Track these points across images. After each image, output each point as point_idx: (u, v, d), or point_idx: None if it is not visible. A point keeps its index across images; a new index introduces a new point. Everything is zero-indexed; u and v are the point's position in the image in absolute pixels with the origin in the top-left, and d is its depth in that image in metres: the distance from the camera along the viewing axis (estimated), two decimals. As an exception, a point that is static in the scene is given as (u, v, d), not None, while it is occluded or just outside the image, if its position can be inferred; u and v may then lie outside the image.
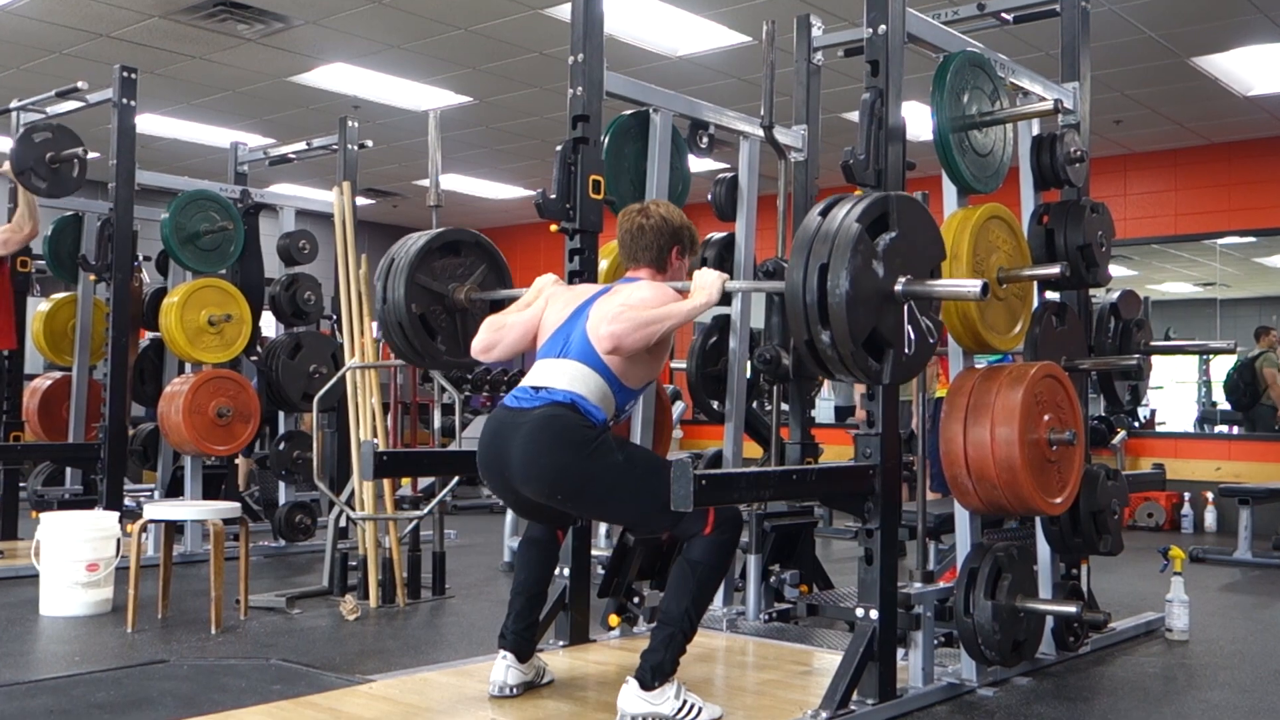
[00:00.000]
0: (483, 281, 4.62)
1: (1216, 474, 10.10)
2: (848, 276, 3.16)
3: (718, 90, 8.84)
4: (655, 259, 3.87)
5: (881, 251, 3.27)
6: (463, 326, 4.58)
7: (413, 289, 4.44)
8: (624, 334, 3.49)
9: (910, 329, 3.37)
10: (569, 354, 3.64)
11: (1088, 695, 4.22)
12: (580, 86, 4.62)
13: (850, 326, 3.18)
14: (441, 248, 4.56)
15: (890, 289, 3.30)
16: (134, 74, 6.79)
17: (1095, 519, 4.60)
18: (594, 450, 3.48)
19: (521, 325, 3.89)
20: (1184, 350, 10.72)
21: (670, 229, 3.88)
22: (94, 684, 4.11)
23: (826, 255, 3.20)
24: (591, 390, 3.57)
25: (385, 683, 4.07)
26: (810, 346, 3.26)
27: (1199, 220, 10.72)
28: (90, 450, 6.95)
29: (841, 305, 3.16)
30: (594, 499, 3.60)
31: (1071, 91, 5.02)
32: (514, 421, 3.57)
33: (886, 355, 3.35)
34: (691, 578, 3.52)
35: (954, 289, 3.43)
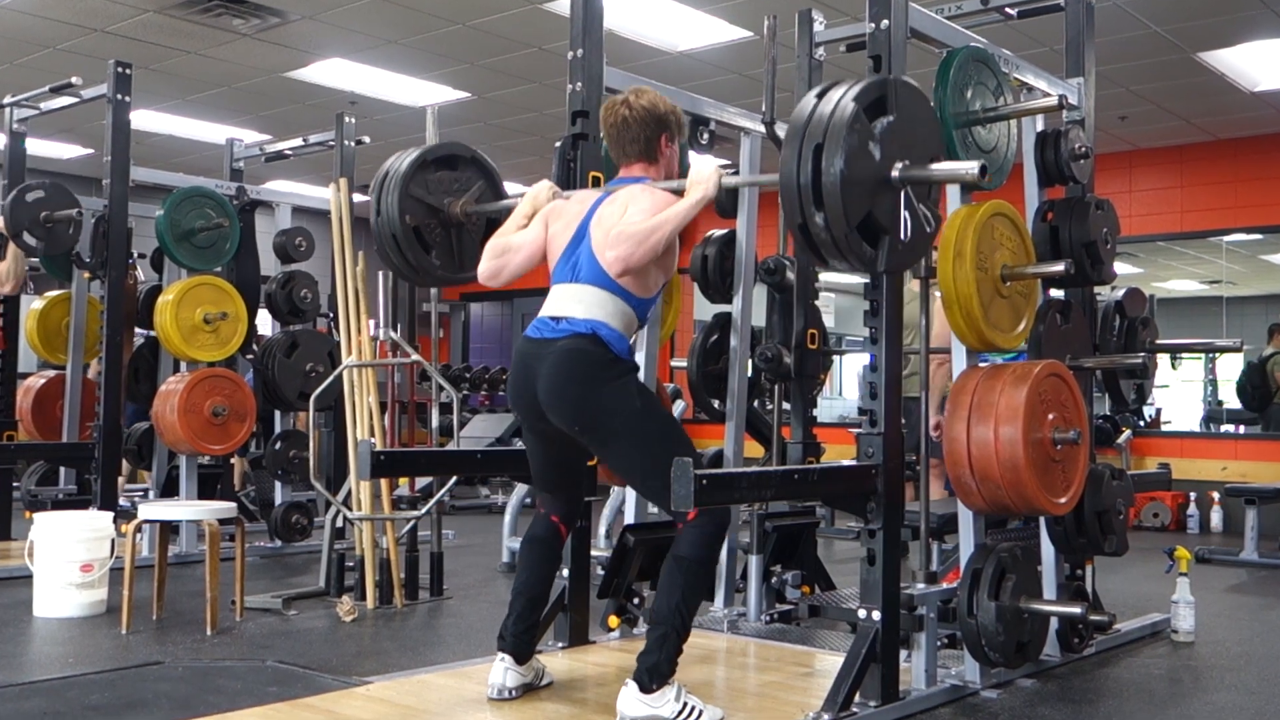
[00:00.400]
0: (479, 197, 4.59)
1: (1223, 473, 10.10)
2: (843, 156, 3.13)
3: (719, 86, 8.84)
4: (644, 150, 3.84)
5: (879, 134, 3.25)
6: (459, 242, 4.54)
7: (406, 201, 4.41)
8: (628, 254, 3.50)
9: (907, 215, 3.34)
10: (581, 278, 3.65)
11: (1092, 697, 4.22)
12: (580, 82, 4.62)
13: (845, 208, 3.14)
14: (436, 161, 4.53)
15: (887, 173, 3.28)
16: (129, 69, 6.79)
17: (1100, 519, 4.60)
18: (617, 385, 3.55)
19: (527, 248, 3.87)
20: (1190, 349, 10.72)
21: (656, 116, 3.83)
22: (88, 686, 4.11)
23: (821, 136, 3.17)
24: (611, 313, 3.60)
25: (382, 685, 4.06)
26: (804, 231, 3.23)
27: (1205, 217, 10.72)
28: (84, 450, 6.96)
29: (836, 185, 3.13)
30: (605, 434, 3.59)
31: (1076, 87, 5.01)
32: (539, 352, 3.63)
33: (882, 241, 3.31)
34: (679, 573, 3.51)
35: (951, 171, 3.38)
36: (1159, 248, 11.71)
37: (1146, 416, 11.51)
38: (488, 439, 10.69)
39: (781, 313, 5.31)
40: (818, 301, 5.35)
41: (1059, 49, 5.20)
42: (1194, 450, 10.59)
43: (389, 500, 5.93)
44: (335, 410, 7.39)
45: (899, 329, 3.96)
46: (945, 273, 4.08)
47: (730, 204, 5.33)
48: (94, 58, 8.38)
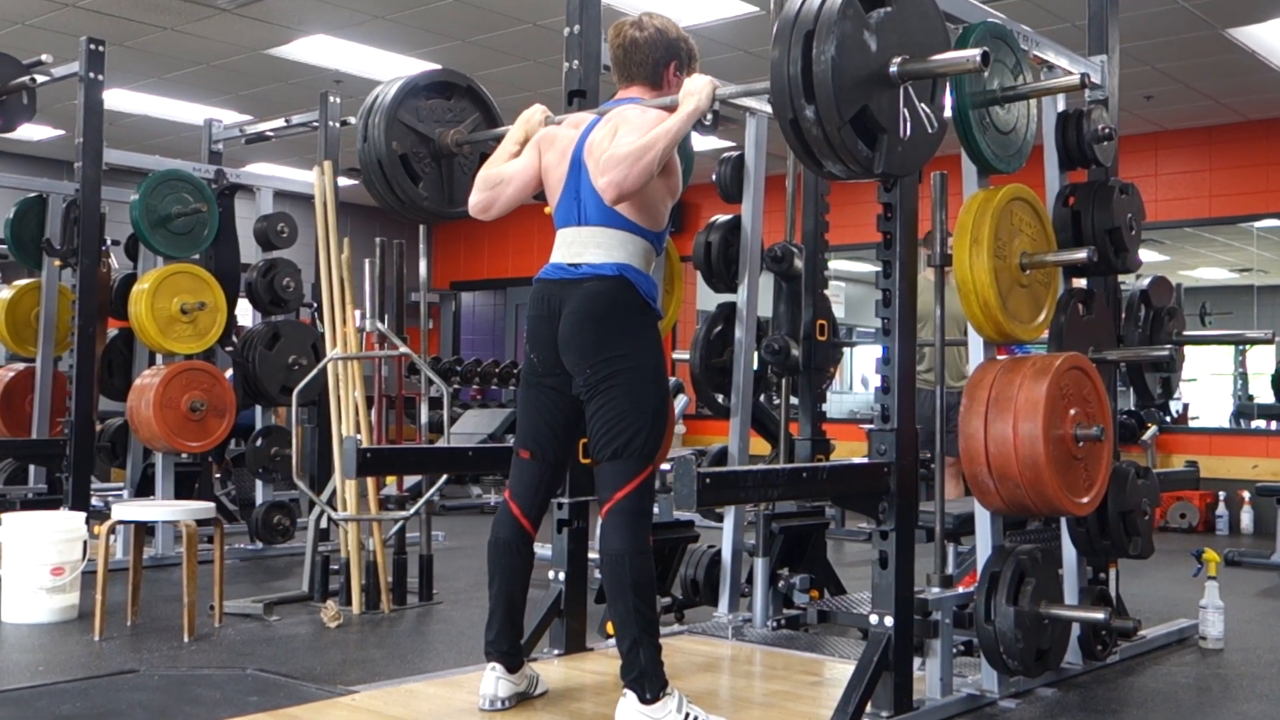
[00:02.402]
0: (472, 129, 4.57)
1: (1253, 472, 10.10)
2: (834, 44, 3.07)
3: (723, 64, 8.83)
4: (650, 75, 3.81)
5: (875, 25, 3.19)
6: (449, 174, 4.52)
7: (395, 127, 4.38)
8: (621, 178, 3.45)
9: (907, 113, 3.28)
10: (589, 219, 3.66)
11: (1116, 707, 4.22)
12: (576, 60, 4.61)
13: (837, 99, 3.07)
14: (429, 86, 4.51)
15: (884, 68, 3.22)
16: (102, 46, 6.78)
17: (1124, 520, 4.60)
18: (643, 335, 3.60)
19: (519, 178, 3.86)
20: (1220, 340, 10.72)
21: (666, 41, 3.81)
22: (59, 695, 4.11)
23: (812, 23, 3.11)
24: (631, 253, 3.62)
25: (369, 694, 4.06)
26: (795, 126, 3.16)
27: (1235, 202, 10.71)
28: (55, 447, 6.95)
29: (827, 74, 3.06)
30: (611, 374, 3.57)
31: (1099, 65, 5.00)
32: (562, 292, 3.65)
33: (880, 141, 3.24)
34: (621, 571, 3.48)
35: (953, 61, 3.31)
36: (1186, 234, 11.70)
37: (1173, 412, 11.51)
38: (480, 435, 10.69)
39: (789, 302, 5.30)
40: (827, 290, 5.35)
41: (1081, 25, 5.19)
42: (1223, 447, 10.59)
43: (376, 500, 5.94)
44: (319, 405, 7.39)
45: (913, 320, 3.95)
46: (962, 260, 4.08)
47: (735, 189, 5.32)
48: (66, 34, 8.36)
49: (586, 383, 3.63)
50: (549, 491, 3.97)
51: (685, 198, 3.98)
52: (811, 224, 5.32)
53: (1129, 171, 7.41)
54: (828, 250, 5.38)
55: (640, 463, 3.54)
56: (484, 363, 11.64)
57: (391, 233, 6.64)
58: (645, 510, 3.60)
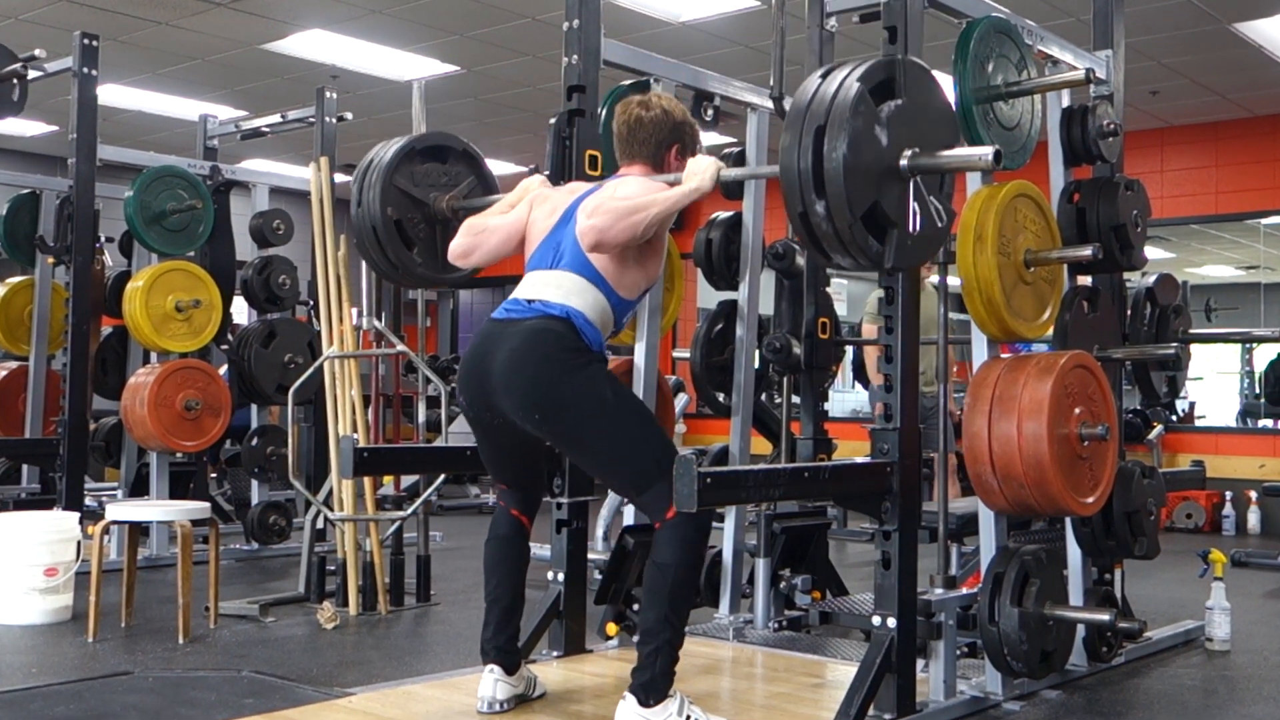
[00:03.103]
0: (468, 194, 4.58)
1: (1260, 471, 10.10)
2: (846, 139, 3.09)
3: (724, 59, 8.82)
4: (651, 155, 3.82)
5: (885, 118, 3.21)
6: (443, 238, 4.51)
7: (390, 192, 4.39)
8: (605, 226, 3.46)
9: (917, 207, 3.29)
10: (561, 264, 3.63)
11: (1121, 710, 4.22)
12: (575, 55, 4.61)
13: (848, 196, 3.09)
14: (425, 151, 4.52)
15: (895, 161, 3.23)
16: (96, 41, 6.77)
17: (1130, 520, 4.60)
18: (584, 371, 3.50)
19: (505, 229, 3.86)
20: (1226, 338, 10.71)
21: (671, 124, 3.82)
22: (52, 697, 4.11)
23: (823, 118, 3.13)
24: (588, 304, 3.57)
25: (366, 696, 4.06)
26: (805, 221, 3.19)
27: (1242, 198, 10.70)
28: (48, 446, 6.94)
29: (839, 171, 3.08)
30: (569, 426, 3.56)
31: (1104, 60, 5.00)
32: (501, 333, 3.58)
33: (890, 235, 3.26)
34: (663, 581, 3.48)
35: (964, 158, 3.33)
36: (1192, 231, 11.70)
37: (1179, 411, 11.50)
38: (478, 435, 10.66)
39: (791, 300, 5.30)
40: (829, 288, 5.34)
41: (1086, 19, 5.18)
42: (1230, 447, 10.59)
43: (373, 500, 5.93)
44: (315, 404, 7.38)
45: (916, 319, 3.95)
46: (965, 258, 4.07)
47: (736, 185, 5.32)
48: (59, 29, 8.36)
49: (540, 432, 3.63)
50: (538, 494, 4.05)
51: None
52: (813, 221, 5.30)
53: (1134, 168, 7.41)
54: (830, 247, 5.36)
55: (664, 481, 3.43)
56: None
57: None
58: (701, 526, 3.57)
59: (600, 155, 4.66)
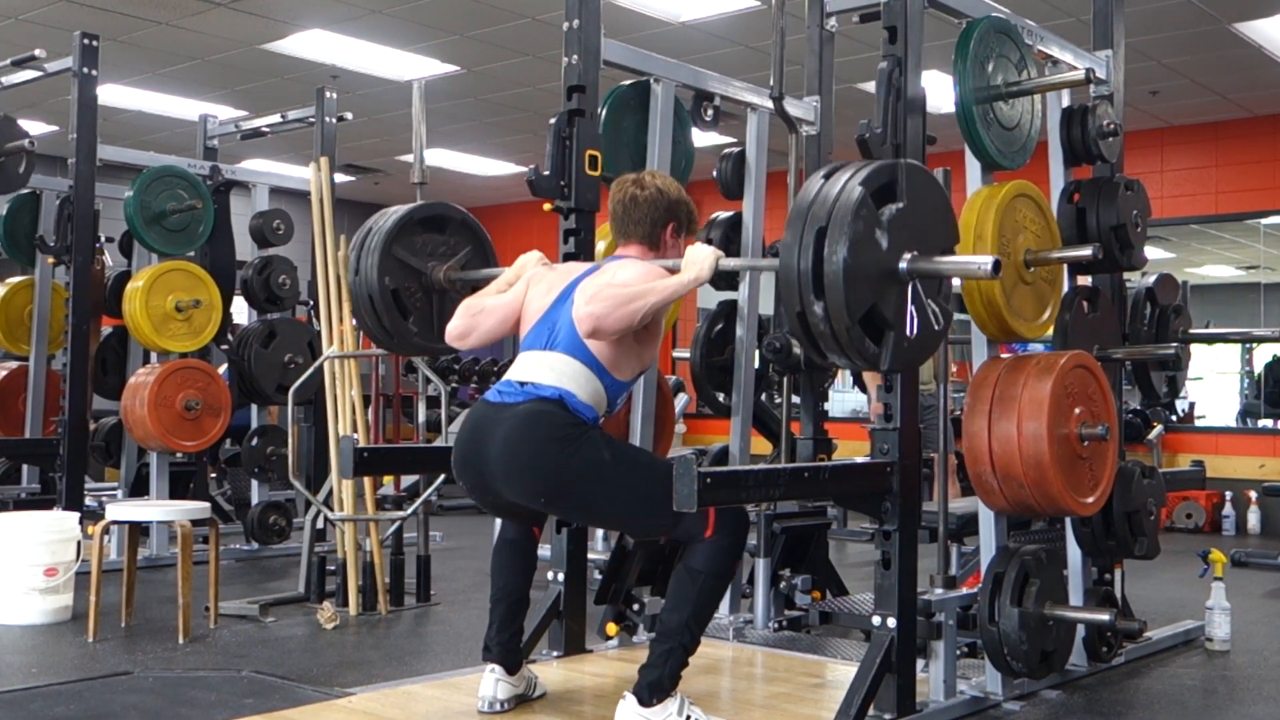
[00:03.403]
0: (466, 263, 4.60)
1: (1260, 471, 10.10)
2: (846, 243, 3.10)
3: (723, 59, 8.82)
4: (647, 235, 3.84)
5: (886, 222, 3.23)
6: (439, 309, 4.55)
7: (388, 261, 4.41)
8: (603, 314, 3.46)
9: (914, 310, 3.32)
10: (556, 345, 3.62)
11: (1121, 710, 4.22)
12: (575, 55, 4.61)
13: (847, 299, 3.12)
14: (423, 221, 4.55)
15: (894, 264, 3.25)
16: (96, 41, 6.77)
17: (1130, 520, 4.60)
18: (579, 447, 3.47)
19: (501, 310, 3.87)
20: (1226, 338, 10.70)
21: (666, 203, 3.84)
22: (52, 697, 4.11)
23: (825, 220, 3.15)
24: (581, 385, 3.56)
25: (366, 696, 4.06)
26: (803, 320, 3.21)
27: (1241, 198, 10.70)
28: (48, 446, 6.94)
29: (838, 274, 3.11)
30: (579, 500, 3.60)
31: (1104, 60, 5.00)
32: (495, 417, 3.56)
33: (886, 338, 3.29)
34: (692, 587, 3.51)
35: (963, 266, 3.37)
36: (1192, 231, 11.70)
37: (1179, 411, 11.50)
38: (478, 435, 10.65)
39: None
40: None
41: (1086, 19, 5.18)
42: (1230, 447, 10.59)
43: (373, 500, 5.93)
44: (315, 404, 7.37)
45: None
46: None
47: (736, 185, 5.32)
48: (59, 29, 8.36)
49: (549, 511, 3.67)
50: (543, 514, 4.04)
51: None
52: (813, 221, 5.30)
53: (1134, 168, 7.41)
54: (830, 247, 5.37)
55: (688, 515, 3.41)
56: (482, 361, 11.61)
57: (389, 230, 6.62)
58: (739, 540, 3.60)
59: (600, 155, 4.66)
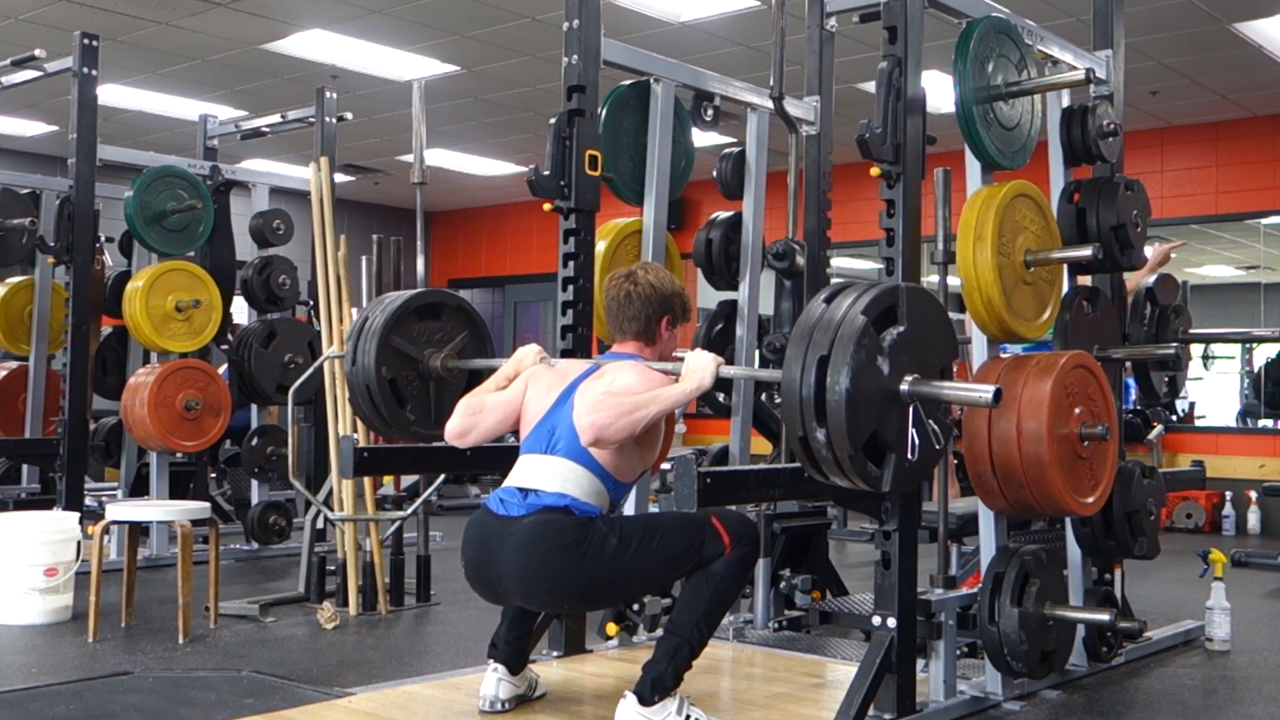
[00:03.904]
0: (462, 350, 4.63)
1: (1260, 471, 10.10)
2: (849, 373, 3.11)
3: (724, 59, 8.82)
4: (642, 330, 3.84)
5: (888, 347, 3.24)
6: (435, 396, 4.59)
7: (385, 352, 4.44)
8: (605, 424, 3.45)
9: (915, 432, 3.32)
10: (557, 450, 3.62)
11: (1121, 710, 4.22)
12: (575, 55, 4.61)
13: (849, 427, 3.12)
14: (420, 309, 4.58)
15: (895, 388, 3.25)
16: (96, 41, 6.77)
17: (1130, 520, 4.60)
18: (588, 549, 3.47)
19: (500, 409, 3.85)
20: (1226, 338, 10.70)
21: (660, 298, 3.84)
22: (52, 697, 4.11)
23: (827, 347, 3.15)
24: (585, 490, 3.56)
25: (366, 696, 4.06)
26: (805, 444, 3.21)
27: (1242, 198, 10.70)
28: (48, 446, 6.95)
29: (840, 403, 3.11)
30: (608, 592, 3.71)
31: (1104, 60, 5.00)
32: (501, 533, 3.56)
33: (888, 460, 3.29)
34: (706, 589, 3.53)
35: (964, 394, 3.35)
36: (1193, 231, 11.68)
37: (1179, 411, 11.49)
38: (478, 435, 10.66)
39: (791, 300, 5.30)
40: (829, 288, 5.34)
41: (1086, 19, 5.18)
42: (1230, 447, 10.59)
43: (373, 500, 5.93)
44: (315, 404, 7.37)
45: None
46: (965, 258, 4.08)
47: (736, 185, 5.32)
48: (59, 29, 8.35)
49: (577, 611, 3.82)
50: None
51: (686, 194, 3.99)
52: (813, 221, 5.31)
53: (1134, 168, 7.41)
54: (830, 247, 5.38)
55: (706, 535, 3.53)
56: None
57: (388, 230, 6.64)
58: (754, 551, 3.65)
59: (600, 155, 4.66)
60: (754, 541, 3.63)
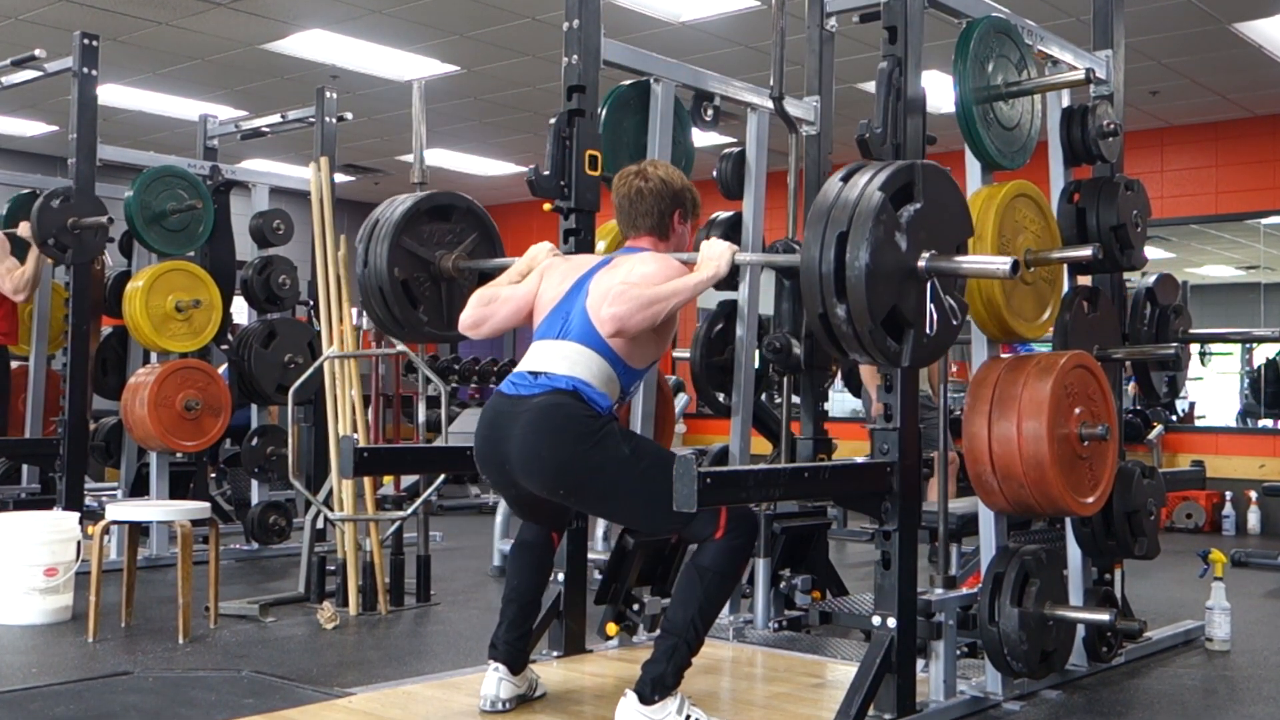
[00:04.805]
0: (473, 251, 4.62)
1: (1260, 471, 10.10)
2: (868, 248, 3.15)
3: (724, 59, 8.82)
4: (656, 225, 3.88)
5: (905, 224, 3.27)
6: (448, 297, 4.58)
7: (396, 253, 4.44)
8: (627, 315, 3.50)
9: (933, 308, 3.36)
10: (569, 335, 3.65)
11: (1121, 710, 4.22)
12: (575, 55, 4.60)
13: (869, 302, 3.17)
14: (430, 211, 4.57)
15: (913, 264, 3.30)
16: (96, 41, 6.76)
17: (1130, 520, 4.60)
18: (599, 441, 3.50)
19: (515, 301, 3.90)
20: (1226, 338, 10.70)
21: (671, 192, 3.88)
22: (52, 697, 4.11)
23: (846, 224, 3.19)
24: (595, 374, 3.58)
25: (366, 696, 4.06)
26: (825, 321, 3.25)
27: (1241, 198, 10.70)
28: (48, 446, 6.94)
29: (860, 278, 3.16)
30: (597, 494, 3.62)
31: (1104, 60, 5.00)
32: (512, 410, 3.59)
33: (906, 335, 3.34)
34: (699, 585, 3.52)
35: (982, 266, 3.42)
36: (1192, 231, 11.69)
37: (1179, 411, 11.49)
38: (478, 435, 10.65)
39: (791, 300, 5.30)
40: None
41: (1086, 19, 5.18)
42: (1230, 447, 10.59)
43: (373, 500, 5.93)
44: (315, 404, 7.38)
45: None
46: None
47: (736, 185, 5.32)
48: (59, 29, 8.36)
49: (569, 503, 3.71)
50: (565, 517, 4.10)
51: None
52: (813, 221, 5.31)
53: (1134, 168, 7.41)
54: (830, 247, 5.37)
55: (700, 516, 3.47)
56: (482, 361, 11.61)
57: (389, 230, 6.62)
58: (749, 540, 3.62)
59: (600, 155, 4.66)
60: (749, 534, 3.60)
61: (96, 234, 6.76)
